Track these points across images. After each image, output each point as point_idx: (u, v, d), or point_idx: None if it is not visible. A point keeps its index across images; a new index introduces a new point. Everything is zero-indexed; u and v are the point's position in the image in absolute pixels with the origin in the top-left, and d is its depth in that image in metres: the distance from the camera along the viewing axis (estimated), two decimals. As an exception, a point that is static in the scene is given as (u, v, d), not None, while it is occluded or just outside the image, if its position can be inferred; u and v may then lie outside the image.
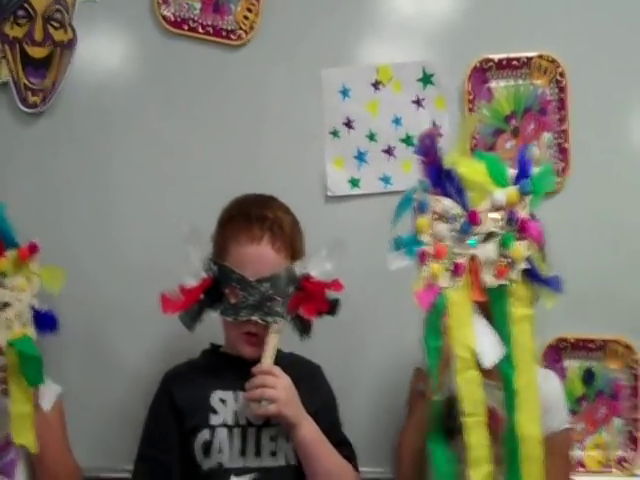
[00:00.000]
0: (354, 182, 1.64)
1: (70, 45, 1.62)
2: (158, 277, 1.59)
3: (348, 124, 1.65)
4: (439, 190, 1.27)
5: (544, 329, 1.57)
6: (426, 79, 1.64)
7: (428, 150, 1.28)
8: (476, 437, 1.21)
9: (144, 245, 1.63)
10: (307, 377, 1.38)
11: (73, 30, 1.62)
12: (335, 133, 1.65)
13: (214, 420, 1.33)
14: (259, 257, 1.33)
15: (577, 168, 1.62)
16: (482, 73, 1.63)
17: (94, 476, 1.54)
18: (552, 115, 1.64)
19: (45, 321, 1.29)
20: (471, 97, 1.63)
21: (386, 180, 1.64)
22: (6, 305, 1.25)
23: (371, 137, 1.65)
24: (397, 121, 1.65)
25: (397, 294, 1.42)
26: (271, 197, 1.43)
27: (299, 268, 1.35)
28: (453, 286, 1.25)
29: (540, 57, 1.62)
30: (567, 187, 1.62)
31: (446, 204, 1.26)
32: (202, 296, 1.33)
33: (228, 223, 1.39)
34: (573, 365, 1.62)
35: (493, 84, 1.64)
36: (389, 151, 1.64)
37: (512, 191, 1.24)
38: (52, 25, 1.62)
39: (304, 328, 1.36)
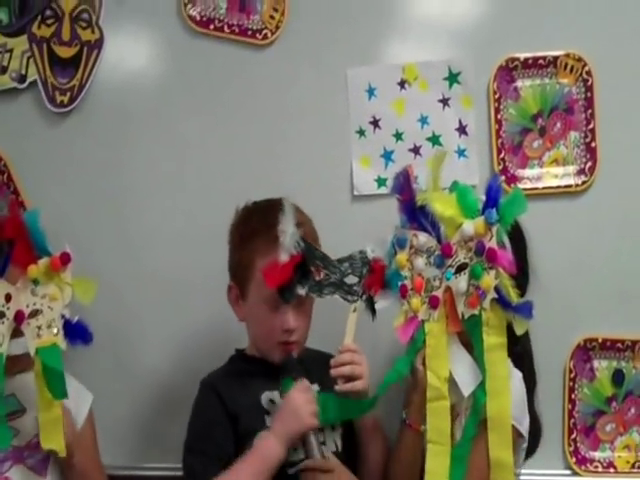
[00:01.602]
0: (381, 181, 1.64)
1: (97, 45, 1.63)
2: (181, 277, 1.63)
3: (374, 123, 1.64)
4: (415, 225, 1.31)
5: (571, 329, 1.59)
6: (452, 78, 1.64)
7: (402, 187, 1.32)
8: (436, 464, 1.25)
9: (169, 243, 1.63)
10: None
11: (100, 30, 1.64)
12: (361, 132, 1.64)
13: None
14: None
15: (604, 167, 1.61)
16: (508, 72, 1.63)
17: (119, 474, 1.55)
18: (579, 114, 1.63)
19: (77, 332, 1.28)
20: (497, 96, 1.62)
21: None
22: (37, 312, 1.24)
23: (397, 136, 1.64)
24: (423, 120, 1.64)
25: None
26: (283, 202, 1.40)
27: (370, 251, 1.37)
28: (431, 319, 1.29)
29: (567, 56, 1.61)
30: (595, 186, 1.61)
31: (421, 239, 1.29)
32: (293, 272, 1.33)
33: (250, 239, 1.38)
34: (602, 365, 1.61)
35: (519, 83, 1.64)
36: (415, 150, 1.64)
37: (479, 222, 1.25)
38: (79, 25, 1.63)
39: (373, 309, 1.38)
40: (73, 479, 1.35)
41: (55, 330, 1.25)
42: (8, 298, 1.20)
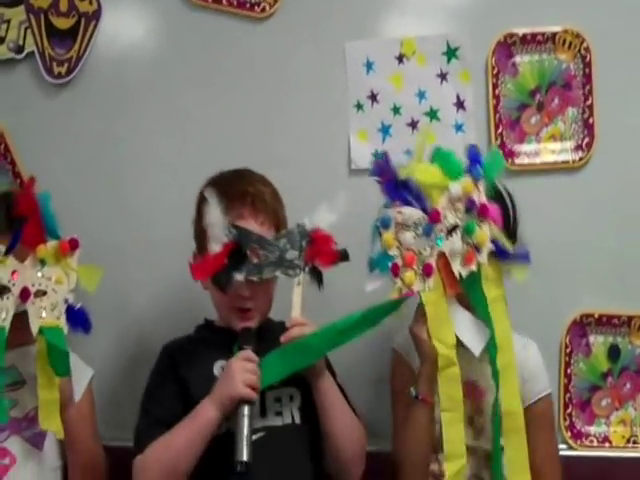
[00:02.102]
0: (378, 156, 1.63)
1: (95, 16, 1.63)
2: (181, 248, 1.62)
3: (372, 97, 1.64)
4: (399, 202, 1.31)
5: (568, 305, 1.59)
6: (450, 53, 1.63)
7: (382, 169, 1.33)
8: (452, 432, 1.26)
9: (166, 216, 1.63)
10: None
11: (98, 1, 1.63)
12: (359, 106, 1.64)
13: None
14: None
15: (602, 143, 1.61)
16: (506, 47, 1.63)
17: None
18: (577, 90, 1.63)
19: (78, 319, 1.29)
20: (495, 71, 1.62)
21: (410, 154, 1.62)
22: (42, 293, 1.25)
23: (395, 110, 1.64)
24: (421, 95, 1.64)
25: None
26: (247, 170, 1.43)
27: (308, 222, 1.36)
28: (426, 287, 1.29)
29: (565, 32, 1.61)
30: (592, 162, 1.61)
31: (406, 212, 1.29)
32: (227, 261, 1.32)
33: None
34: (598, 341, 1.61)
35: (517, 59, 1.63)
36: (413, 124, 1.64)
37: (466, 180, 1.27)
38: (77, -5, 1.63)
39: (319, 279, 1.37)
40: (69, 450, 1.35)
41: (57, 313, 1.26)
42: (15, 274, 1.21)
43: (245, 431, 1.22)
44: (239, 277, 1.32)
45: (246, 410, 1.24)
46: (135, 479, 1.27)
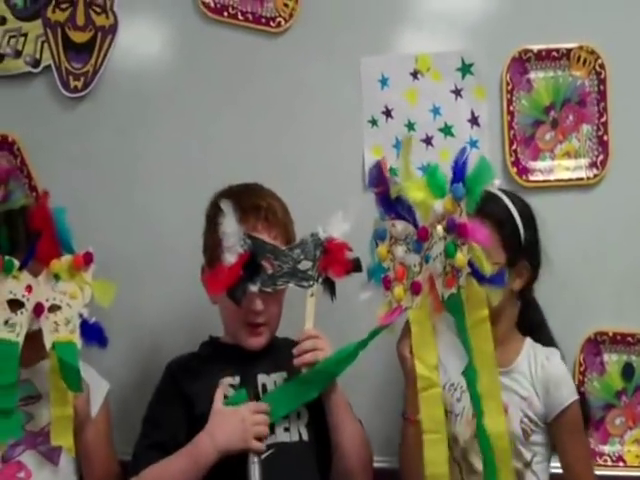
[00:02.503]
0: (393, 172, 1.61)
1: (111, 30, 1.63)
2: (196, 262, 1.62)
3: (387, 113, 1.64)
4: (393, 216, 1.31)
5: (582, 323, 1.59)
6: (465, 69, 1.63)
7: (376, 180, 1.32)
8: (434, 454, 1.23)
9: (181, 229, 1.62)
10: None
11: (114, 15, 1.64)
12: (374, 122, 1.64)
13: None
14: None
15: (616, 160, 1.60)
16: (521, 64, 1.63)
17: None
18: (591, 107, 1.62)
19: (93, 333, 1.28)
20: (510, 88, 1.62)
21: (424, 170, 1.63)
22: (56, 308, 1.24)
23: (410, 126, 1.64)
24: (436, 111, 1.64)
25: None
26: (257, 184, 1.43)
27: (322, 232, 1.36)
28: (414, 305, 1.27)
29: (580, 48, 1.61)
30: (606, 179, 1.61)
31: (399, 227, 1.29)
32: (242, 272, 1.32)
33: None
34: (612, 359, 1.60)
35: (532, 75, 1.63)
36: (427, 140, 1.64)
37: (447, 199, 1.22)
38: (94, 10, 1.63)
39: (332, 289, 1.37)
40: (86, 468, 1.35)
41: (72, 327, 1.26)
42: (29, 289, 1.21)
43: (257, 478, 1.24)
44: (253, 288, 1.31)
45: (256, 459, 1.25)
46: None
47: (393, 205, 1.30)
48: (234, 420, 1.27)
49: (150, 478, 1.27)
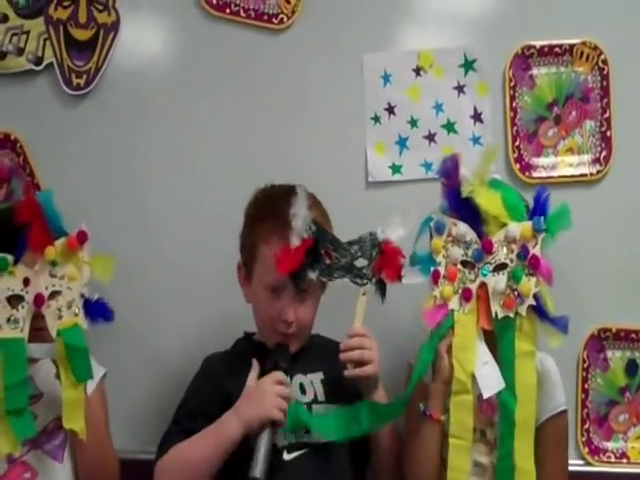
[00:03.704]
0: (395, 168, 1.63)
1: (113, 28, 1.63)
2: (197, 261, 1.62)
3: (389, 109, 1.64)
4: (457, 214, 1.31)
5: (585, 320, 1.58)
6: (468, 65, 1.63)
7: (450, 173, 1.32)
8: (458, 460, 1.25)
9: (182, 227, 1.63)
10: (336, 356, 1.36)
11: (116, 13, 1.63)
12: (376, 118, 1.64)
13: None
14: None
15: (620, 156, 1.60)
16: (524, 60, 1.62)
17: (131, 458, 1.52)
18: (594, 103, 1.62)
19: (97, 311, 1.28)
20: (512, 84, 1.62)
21: (427, 166, 1.63)
22: (57, 294, 1.24)
23: (412, 123, 1.64)
24: (438, 107, 1.64)
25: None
26: (296, 189, 1.40)
27: (380, 232, 1.36)
28: (461, 310, 1.29)
29: (583, 44, 1.61)
30: (609, 175, 1.61)
31: (462, 229, 1.30)
32: (304, 257, 1.32)
33: (258, 223, 1.39)
34: (616, 356, 1.60)
35: (535, 71, 1.63)
36: (430, 137, 1.63)
37: (526, 226, 1.27)
38: (96, 7, 1.62)
39: (383, 292, 1.37)
40: (78, 452, 1.34)
41: (76, 310, 1.25)
42: (27, 282, 1.20)
43: (263, 449, 1.23)
44: (312, 275, 1.32)
45: (270, 431, 1.25)
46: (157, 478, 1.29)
47: (460, 203, 1.31)
48: (255, 390, 1.28)
49: (175, 455, 1.28)
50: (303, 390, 1.36)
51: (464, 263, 1.30)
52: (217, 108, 1.64)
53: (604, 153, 1.61)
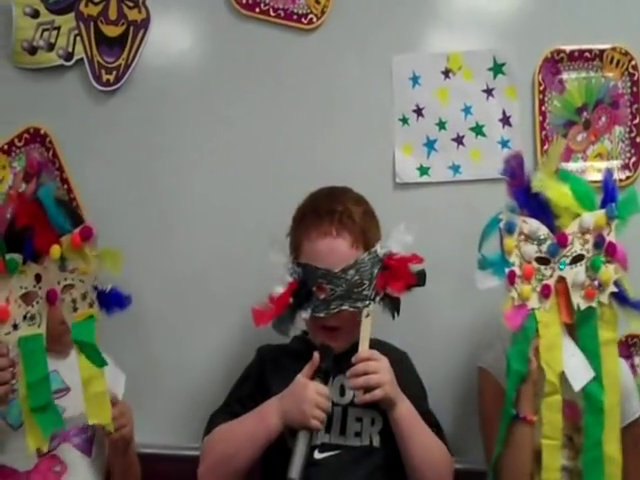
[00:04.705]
0: (423, 170, 1.63)
1: (143, 25, 1.63)
2: (221, 259, 1.62)
3: (418, 111, 1.63)
4: (526, 211, 1.30)
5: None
6: (497, 68, 1.63)
7: (514, 172, 1.31)
8: (551, 460, 1.25)
9: (206, 226, 1.63)
10: (396, 363, 1.35)
11: (147, 10, 1.63)
12: (405, 120, 1.63)
13: None
14: (330, 251, 1.33)
15: (649, 162, 1.60)
16: (554, 64, 1.62)
17: (162, 453, 1.56)
18: (624, 108, 1.62)
19: (112, 300, 1.29)
20: (542, 88, 1.61)
21: (455, 169, 1.62)
22: (70, 287, 1.23)
23: (441, 125, 1.63)
24: (467, 110, 1.63)
25: (460, 283, 1.47)
26: (344, 189, 1.43)
27: (380, 248, 1.35)
28: (542, 308, 1.28)
29: (613, 49, 1.61)
30: (639, 181, 1.59)
31: (534, 225, 1.29)
32: (291, 300, 1.33)
33: (300, 220, 1.40)
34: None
35: (565, 75, 1.62)
36: (458, 140, 1.63)
37: (600, 215, 1.27)
38: (126, 4, 1.63)
39: (393, 306, 1.36)
40: (112, 454, 1.35)
41: (90, 301, 1.26)
42: (38, 278, 1.20)
43: (300, 453, 1.23)
44: (305, 315, 1.32)
45: (308, 434, 1.25)
46: (202, 457, 1.33)
47: (529, 200, 1.30)
48: (300, 394, 1.28)
49: (220, 433, 1.32)
50: (342, 392, 1.36)
51: (538, 260, 1.28)
52: (245, 108, 1.64)
53: (633, 159, 1.61)
